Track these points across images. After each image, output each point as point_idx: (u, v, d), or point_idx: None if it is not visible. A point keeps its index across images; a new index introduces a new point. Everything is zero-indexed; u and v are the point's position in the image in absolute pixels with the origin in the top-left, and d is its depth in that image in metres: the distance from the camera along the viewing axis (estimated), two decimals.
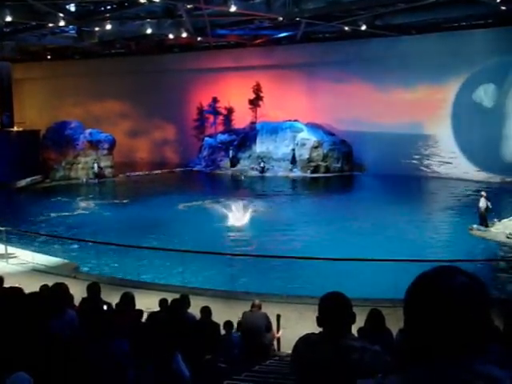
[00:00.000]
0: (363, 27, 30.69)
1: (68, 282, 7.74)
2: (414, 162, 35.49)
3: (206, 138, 40.14)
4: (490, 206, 20.08)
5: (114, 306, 7.34)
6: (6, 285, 7.98)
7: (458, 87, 33.47)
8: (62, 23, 28.11)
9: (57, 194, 30.26)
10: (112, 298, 8.13)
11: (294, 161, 36.72)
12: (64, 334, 5.21)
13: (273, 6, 28.03)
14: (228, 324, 8.57)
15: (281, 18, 29.38)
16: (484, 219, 20.06)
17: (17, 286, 6.91)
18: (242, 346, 8.40)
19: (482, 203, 20.09)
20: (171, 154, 44.09)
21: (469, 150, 33.32)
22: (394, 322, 6.52)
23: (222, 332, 8.41)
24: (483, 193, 20.63)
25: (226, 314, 9.44)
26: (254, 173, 37.29)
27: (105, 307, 7.06)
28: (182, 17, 29.50)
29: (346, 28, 31.87)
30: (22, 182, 32.59)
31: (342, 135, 37.06)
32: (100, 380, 4.44)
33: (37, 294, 6.44)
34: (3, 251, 15.41)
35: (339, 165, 36.69)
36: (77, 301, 7.23)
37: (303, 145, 36.43)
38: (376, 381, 1.52)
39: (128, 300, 6.98)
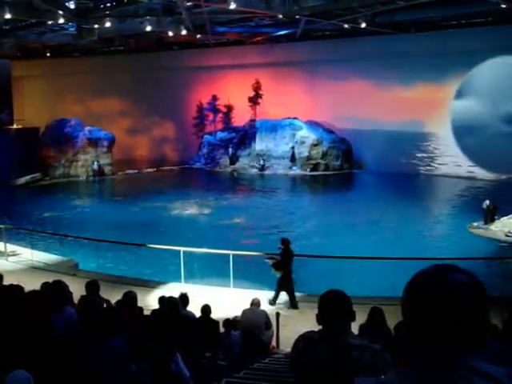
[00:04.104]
0: (363, 25, 30.65)
1: (67, 279, 7.76)
2: (414, 159, 35.49)
3: (206, 136, 40.13)
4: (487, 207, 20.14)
5: (113, 304, 7.33)
6: (6, 282, 7.99)
7: (457, 85, 33.46)
8: (61, 20, 28.06)
9: (56, 192, 30.26)
10: (111, 295, 8.12)
11: (293, 159, 36.71)
12: (63, 332, 5.22)
13: (272, 3, 28.00)
14: (227, 322, 8.57)
15: (280, 16, 29.36)
16: (487, 216, 20.10)
17: (16, 283, 6.92)
18: (242, 343, 8.40)
19: (488, 202, 20.18)
20: (171, 152, 44.07)
21: (468, 148, 33.33)
22: (394, 320, 6.53)
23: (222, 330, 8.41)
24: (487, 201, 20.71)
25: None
26: (254, 170, 37.30)
27: (104, 305, 7.07)
28: (181, 14, 29.45)
29: (346, 26, 31.84)
30: (22, 180, 32.58)
31: (342, 133, 37.05)
32: (99, 377, 4.45)
33: (36, 292, 6.44)
34: (3, 249, 15.41)
35: (339, 163, 36.68)
36: (76, 298, 7.22)
37: (303, 143, 36.41)
38: (376, 379, 1.53)
39: (129, 299, 6.98)
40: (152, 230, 20.38)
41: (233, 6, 25.10)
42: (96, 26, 30.23)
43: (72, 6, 28.36)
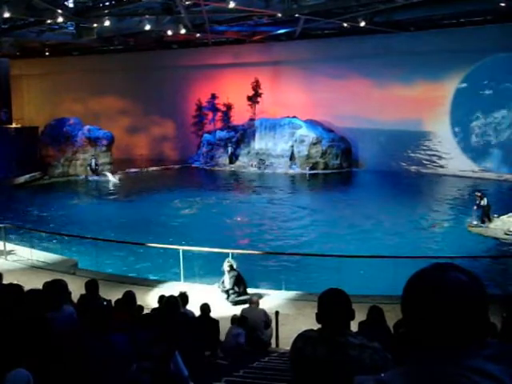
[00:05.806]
0: (362, 24, 30.64)
1: (67, 278, 7.74)
2: (413, 158, 35.50)
3: (205, 135, 40.12)
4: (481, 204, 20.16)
5: (113, 303, 7.34)
6: (5, 282, 7.98)
7: (456, 84, 33.47)
8: (60, 19, 28.02)
9: (56, 191, 30.24)
10: (111, 294, 8.13)
11: (292, 157, 36.71)
12: (62, 330, 5.21)
13: (271, 2, 28.00)
14: (235, 319, 8.58)
15: (279, 15, 29.34)
16: (485, 215, 20.11)
17: (16, 283, 6.91)
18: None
19: (484, 201, 20.17)
20: (170, 151, 44.07)
21: (467, 147, 33.36)
22: (393, 319, 6.54)
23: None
24: (477, 193, 20.72)
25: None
26: (254, 169, 37.29)
27: (104, 304, 7.07)
28: (180, 13, 29.41)
29: (345, 24, 31.82)
30: (21, 179, 32.52)
31: (341, 131, 37.06)
32: (99, 376, 4.45)
33: (35, 291, 6.44)
34: (2, 248, 15.40)
35: (338, 161, 36.70)
36: (76, 297, 7.22)
37: (302, 141, 36.41)
38: (375, 377, 1.53)
39: (127, 298, 6.98)
40: (152, 229, 20.37)
41: (232, 4, 25.10)
42: (95, 24, 30.23)
43: (71, 4, 28.34)
